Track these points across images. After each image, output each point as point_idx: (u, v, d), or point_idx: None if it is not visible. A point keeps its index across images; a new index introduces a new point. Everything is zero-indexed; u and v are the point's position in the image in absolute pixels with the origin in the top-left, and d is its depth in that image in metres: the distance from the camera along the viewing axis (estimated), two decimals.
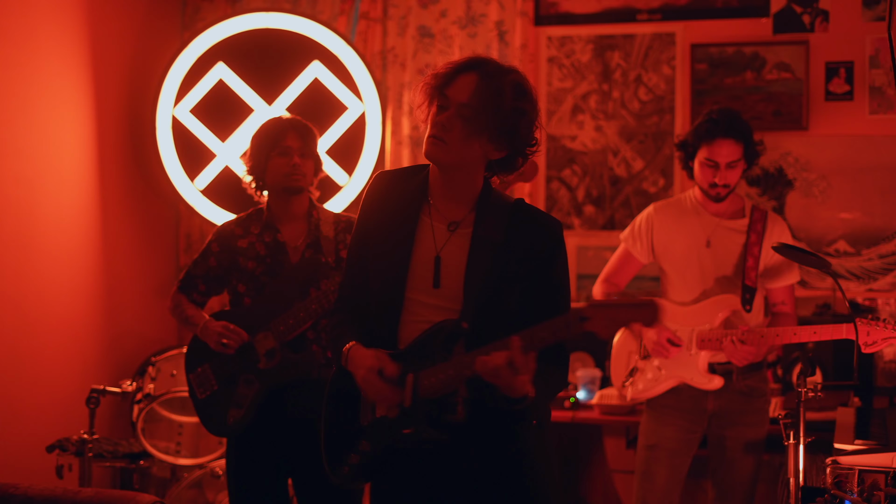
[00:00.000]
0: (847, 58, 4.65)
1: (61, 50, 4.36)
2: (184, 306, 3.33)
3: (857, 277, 4.65)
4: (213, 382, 3.26)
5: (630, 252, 3.74)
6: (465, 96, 2.21)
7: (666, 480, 3.63)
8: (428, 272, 2.27)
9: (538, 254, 2.32)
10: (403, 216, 2.31)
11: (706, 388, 3.56)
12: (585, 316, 2.10)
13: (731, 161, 3.52)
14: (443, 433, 2.25)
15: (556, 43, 4.98)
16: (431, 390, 2.24)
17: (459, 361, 2.21)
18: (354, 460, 2.34)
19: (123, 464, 4.13)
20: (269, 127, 3.28)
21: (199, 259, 3.34)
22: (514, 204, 2.36)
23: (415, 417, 2.25)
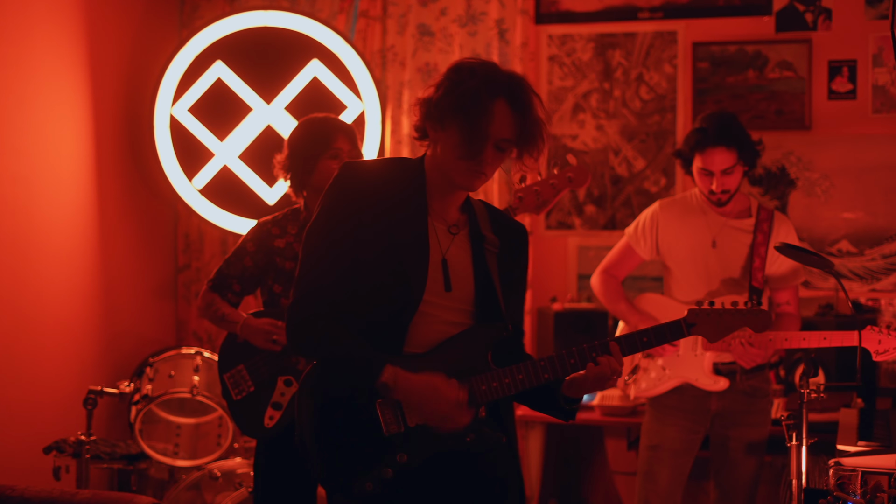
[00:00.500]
0: (850, 56, 4.65)
1: (58, 48, 4.36)
2: (218, 304, 3.28)
3: (860, 278, 4.65)
4: (250, 383, 3.24)
5: (632, 247, 3.75)
6: (505, 132, 2.21)
7: (668, 481, 3.63)
8: (436, 274, 2.26)
9: (520, 257, 2.42)
10: (408, 216, 2.26)
11: (711, 390, 3.56)
12: (692, 322, 2.33)
13: (725, 168, 3.52)
14: (501, 435, 2.30)
15: (556, 41, 4.98)
16: (488, 396, 2.26)
17: (533, 366, 2.26)
18: (386, 475, 2.22)
19: (121, 465, 4.12)
20: (319, 129, 3.22)
21: (232, 259, 3.29)
22: (485, 205, 2.41)
23: (471, 424, 2.25)
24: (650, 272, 4.61)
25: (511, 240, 2.39)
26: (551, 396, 2.35)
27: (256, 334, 3.20)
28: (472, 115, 2.17)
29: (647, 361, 3.68)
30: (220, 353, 3.32)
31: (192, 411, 4.34)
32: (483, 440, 2.28)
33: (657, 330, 2.31)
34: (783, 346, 3.45)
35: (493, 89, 2.19)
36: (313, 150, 3.20)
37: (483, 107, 2.17)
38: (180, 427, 4.36)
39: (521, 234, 2.44)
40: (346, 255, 2.22)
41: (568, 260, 4.96)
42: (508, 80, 2.22)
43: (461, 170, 2.22)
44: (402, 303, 2.22)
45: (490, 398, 2.26)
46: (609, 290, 3.77)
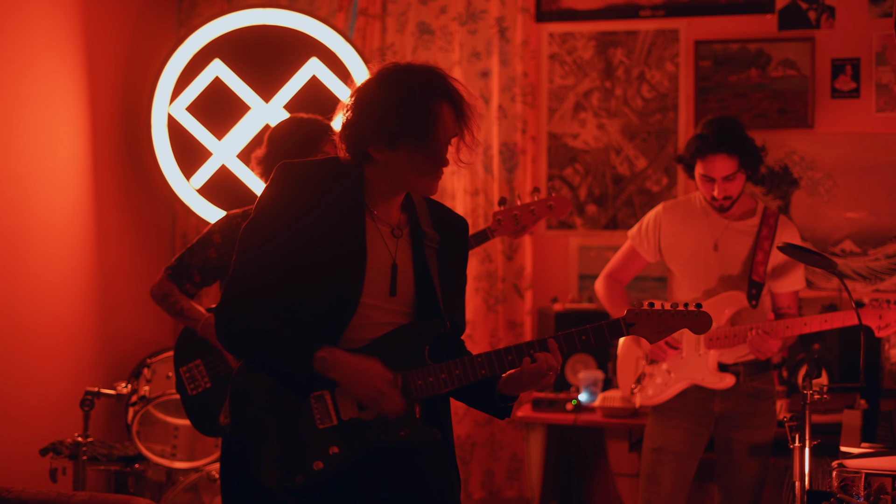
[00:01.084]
0: (853, 54, 4.65)
1: (55, 46, 4.36)
2: (176, 297, 3.25)
3: (863, 278, 4.65)
4: (207, 379, 3.23)
5: (636, 250, 3.75)
6: (452, 129, 2.23)
7: (672, 484, 3.63)
8: (383, 278, 2.27)
9: (461, 251, 2.43)
10: (345, 218, 2.26)
11: (718, 388, 3.57)
12: (631, 322, 2.33)
13: (726, 175, 3.52)
14: (437, 431, 2.30)
15: (557, 39, 4.98)
16: (424, 391, 2.26)
17: (469, 361, 2.27)
18: (317, 467, 2.22)
19: (118, 467, 4.12)
20: (306, 131, 3.20)
21: (195, 248, 3.25)
22: (427, 201, 2.41)
23: (405, 418, 2.26)
24: (652, 272, 4.61)
25: (451, 234, 2.40)
26: (488, 393, 2.36)
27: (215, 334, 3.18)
28: (428, 131, 2.18)
29: (651, 367, 3.68)
30: (177, 346, 3.30)
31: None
32: (417, 435, 2.27)
33: (595, 328, 2.32)
34: (785, 333, 3.46)
35: (435, 96, 2.21)
36: (298, 154, 3.18)
37: (434, 119, 2.19)
38: (178, 429, 4.36)
39: (462, 227, 2.44)
40: (280, 256, 2.23)
41: (569, 260, 4.96)
42: (440, 80, 2.23)
43: (425, 182, 2.25)
44: (339, 305, 2.24)
45: (426, 393, 2.27)
46: (613, 295, 3.77)
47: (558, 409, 4.47)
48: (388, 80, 2.23)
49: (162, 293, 3.29)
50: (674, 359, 3.61)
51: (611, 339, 2.36)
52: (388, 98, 2.20)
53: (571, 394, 4.53)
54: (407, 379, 2.26)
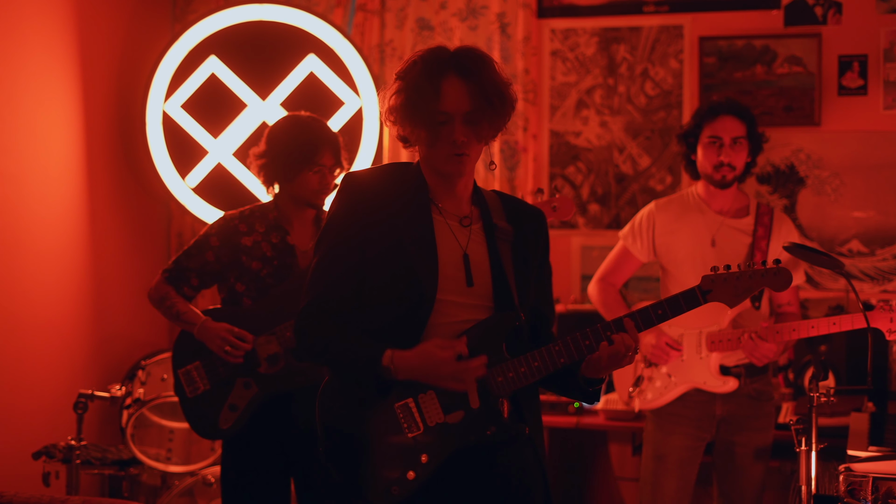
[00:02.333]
0: (861, 51, 4.65)
1: (48, 43, 4.36)
2: (173, 300, 3.26)
3: (870, 278, 4.65)
4: (206, 381, 3.24)
5: (629, 250, 3.74)
6: (464, 104, 2.24)
7: (675, 491, 3.62)
8: (458, 272, 2.29)
9: (539, 242, 2.43)
10: (413, 217, 2.30)
11: (720, 391, 3.55)
12: (707, 289, 2.33)
13: (735, 136, 3.54)
14: (523, 427, 2.30)
15: (559, 36, 4.98)
16: (506, 387, 2.28)
17: (548, 352, 2.27)
18: (410, 476, 2.25)
19: (112, 471, 4.12)
20: (304, 139, 3.19)
21: (193, 251, 3.26)
22: (498, 195, 2.44)
23: (491, 417, 2.27)
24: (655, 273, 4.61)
25: (526, 226, 2.40)
26: (574, 379, 2.36)
27: (213, 339, 3.19)
28: (423, 102, 2.23)
29: (650, 371, 3.66)
30: (175, 347, 3.30)
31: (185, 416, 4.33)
32: (505, 432, 2.28)
33: (671, 301, 2.32)
34: (791, 336, 3.45)
35: (438, 69, 2.24)
36: (296, 162, 3.19)
37: (431, 90, 2.22)
38: (173, 432, 4.36)
39: (538, 219, 2.45)
40: (351, 264, 2.28)
41: (571, 260, 4.96)
42: (453, 54, 2.27)
43: (441, 158, 2.28)
44: (416, 303, 2.25)
45: (508, 389, 2.28)
46: (607, 299, 3.76)
47: (560, 412, 4.47)
48: (408, 62, 2.31)
49: (159, 296, 3.29)
50: (674, 362, 3.60)
51: (687, 310, 2.33)
52: (401, 78, 2.29)
53: None
54: (487, 377, 2.26)
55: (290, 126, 3.25)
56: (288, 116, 3.34)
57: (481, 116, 2.25)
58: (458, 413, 2.27)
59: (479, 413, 2.27)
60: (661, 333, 3.57)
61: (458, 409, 2.27)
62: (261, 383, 3.18)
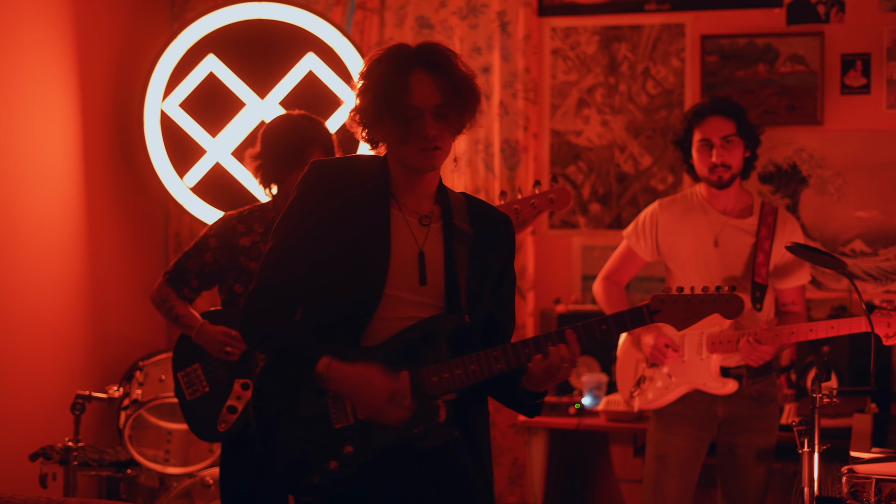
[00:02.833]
0: (863, 49, 4.65)
1: (45, 41, 4.36)
2: (173, 302, 3.28)
3: (873, 278, 4.65)
4: (205, 384, 3.24)
5: (633, 250, 3.75)
6: (434, 98, 2.24)
7: (677, 492, 3.62)
8: (411, 268, 2.28)
9: (502, 247, 2.40)
10: (370, 210, 2.30)
11: (720, 393, 3.56)
12: (656, 309, 2.25)
13: (724, 136, 3.54)
14: (453, 430, 2.29)
15: (560, 34, 4.98)
16: (440, 387, 2.25)
17: (485, 356, 2.25)
18: (333, 467, 2.26)
19: (110, 472, 4.12)
20: (292, 138, 3.20)
21: (192, 252, 3.27)
22: (466, 197, 2.42)
23: (422, 416, 2.25)
24: (657, 273, 4.61)
25: (489, 230, 2.38)
26: (514, 390, 2.34)
27: (210, 342, 3.20)
28: (393, 98, 2.22)
29: (651, 371, 3.67)
30: (175, 349, 3.31)
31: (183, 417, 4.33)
32: (433, 433, 2.26)
33: (617, 317, 2.27)
34: (790, 339, 3.45)
35: (404, 64, 2.24)
36: (286, 161, 3.18)
37: (399, 84, 2.22)
38: (171, 433, 4.36)
39: (502, 224, 2.42)
40: (305, 252, 2.29)
41: (572, 260, 4.96)
42: (419, 49, 2.27)
43: (413, 153, 2.27)
44: (364, 297, 2.26)
45: (442, 390, 2.26)
46: (612, 298, 3.76)
47: (561, 413, 4.47)
48: (369, 62, 2.30)
49: (160, 298, 3.31)
50: (675, 362, 3.60)
51: (632, 328, 2.30)
52: (366, 76, 2.28)
53: (574, 397, 4.53)
54: (421, 376, 2.25)
55: (281, 125, 3.27)
56: (280, 116, 3.35)
57: (451, 109, 2.25)
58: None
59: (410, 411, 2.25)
60: (659, 334, 3.57)
61: None
62: None
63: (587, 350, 4.65)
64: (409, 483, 2.30)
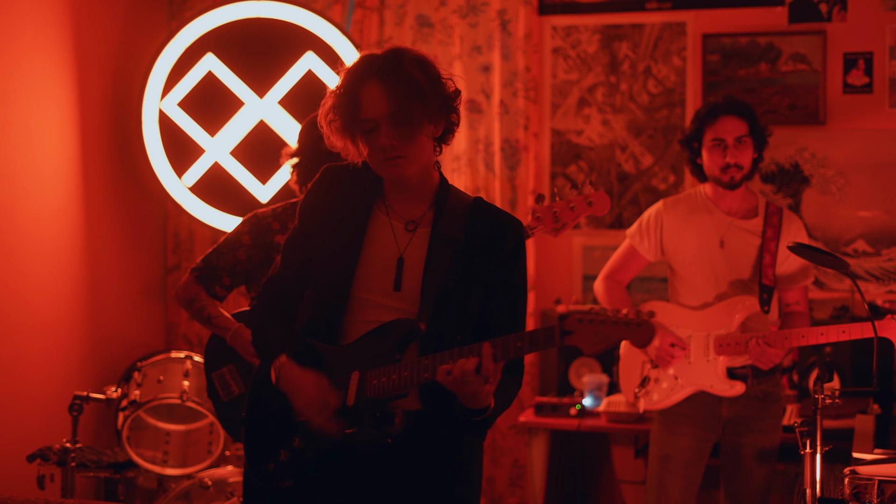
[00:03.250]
0: (866, 48, 4.65)
1: (43, 40, 4.36)
2: (203, 302, 3.18)
3: (876, 279, 4.65)
4: (239, 384, 3.22)
5: (636, 249, 3.75)
6: (384, 108, 2.23)
7: (680, 492, 3.63)
8: (388, 273, 2.29)
9: (498, 254, 2.34)
10: (353, 213, 2.34)
11: (728, 395, 3.56)
12: (569, 330, 2.13)
13: (738, 136, 3.55)
14: (385, 435, 2.27)
15: (561, 33, 4.98)
16: (380, 390, 2.25)
17: (416, 363, 2.22)
18: (283, 457, 2.33)
19: (108, 474, 4.12)
20: None
21: (224, 249, 3.18)
22: (473, 202, 2.38)
23: (357, 417, 2.25)
24: (658, 273, 4.61)
25: (485, 237, 2.33)
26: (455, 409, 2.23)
27: (247, 346, 3.13)
28: (347, 114, 2.27)
29: (656, 372, 3.66)
30: (207, 351, 3.28)
31: (181, 418, 4.33)
32: (363, 435, 2.25)
33: (531, 335, 2.17)
34: (800, 343, 3.45)
35: (358, 77, 2.26)
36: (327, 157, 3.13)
37: (351, 100, 2.26)
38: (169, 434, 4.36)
39: (504, 231, 2.35)
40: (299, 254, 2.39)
41: (573, 260, 4.96)
42: (375, 59, 2.26)
43: (376, 164, 2.30)
44: (334, 299, 2.31)
45: (381, 393, 2.24)
46: (613, 297, 3.76)
47: (562, 414, 4.47)
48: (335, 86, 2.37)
49: (188, 297, 3.20)
50: (681, 364, 3.60)
51: (544, 347, 2.18)
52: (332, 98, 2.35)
53: (575, 398, 4.53)
54: (366, 377, 2.27)
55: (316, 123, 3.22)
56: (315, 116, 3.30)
57: (408, 115, 2.22)
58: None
59: (350, 411, 2.26)
60: (665, 334, 3.56)
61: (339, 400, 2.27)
62: None
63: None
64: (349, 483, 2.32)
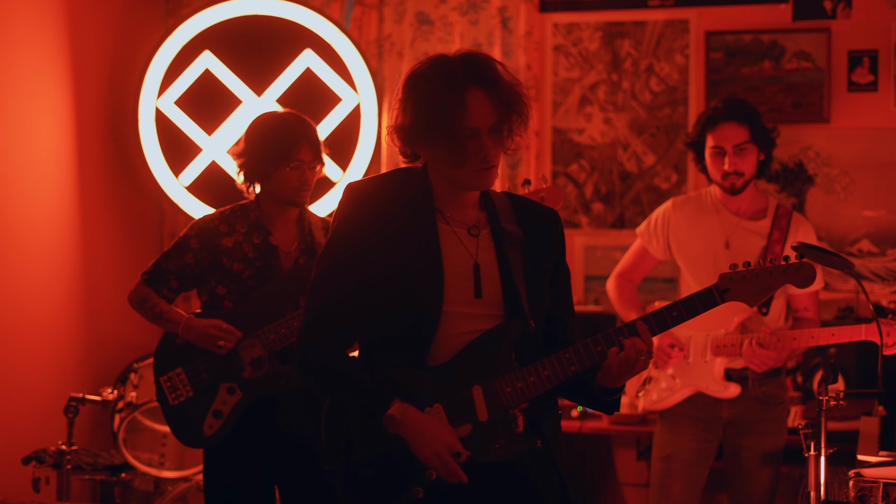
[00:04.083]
0: (871, 46, 4.65)
1: (38, 37, 4.36)
2: (154, 300, 3.25)
3: (881, 279, 4.65)
4: (189, 388, 3.22)
5: (646, 248, 3.76)
6: (491, 118, 2.21)
7: (682, 493, 3.63)
8: (466, 282, 2.26)
9: (553, 244, 2.38)
10: (417, 227, 2.26)
11: (721, 397, 3.57)
12: (725, 287, 2.25)
13: (737, 144, 3.54)
14: (535, 439, 2.28)
15: (562, 30, 4.98)
16: (515, 398, 2.24)
17: (558, 359, 2.23)
18: (417, 495, 2.21)
19: (104, 476, 4.12)
20: (280, 135, 3.17)
21: (172, 252, 3.25)
22: (509, 197, 2.40)
23: (497, 431, 2.24)
24: (661, 273, 4.61)
25: (538, 228, 2.36)
26: (589, 389, 2.31)
27: (201, 337, 3.16)
28: (449, 120, 2.18)
29: (657, 372, 3.68)
30: (157, 354, 3.29)
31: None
32: (514, 446, 2.25)
33: (687, 302, 2.26)
34: (792, 345, 3.46)
35: (458, 83, 2.20)
36: (273, 158, 3.15)
37: (456, 107, 2.18)
38: (166, 436, 4.36)
39: (550, 220, 2.40)
40: (354, 280, 2.26)
41: (575, 260, 4.96)
42: (467, 64, 2.23)
43: (468, 174, 2.24)
44: (421, 318, 2.23)
45: (518, 400, 2.25)
46: (623, 296, 3.78)
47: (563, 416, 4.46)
48: (414, 75, 2.24)
49: (139, 298, 3.29)
50: (679, 364, 3.61)
51: (704, 310, 2.27)
52: (413, 94, 2.22)
53: None
54: (495, 388, 2.24)
55: (268, 122, 3.24)
56: (266, 113, 3.33)
57: (505, 126, 2.23)
58: (466, 426, 2.24)
59: (487, 426, 2.24)
60: (664, 335, 3.57)
61: (466, 421, 2.24)
62: (245, 388, 3.17)
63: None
64: (490, 498, 2.27)
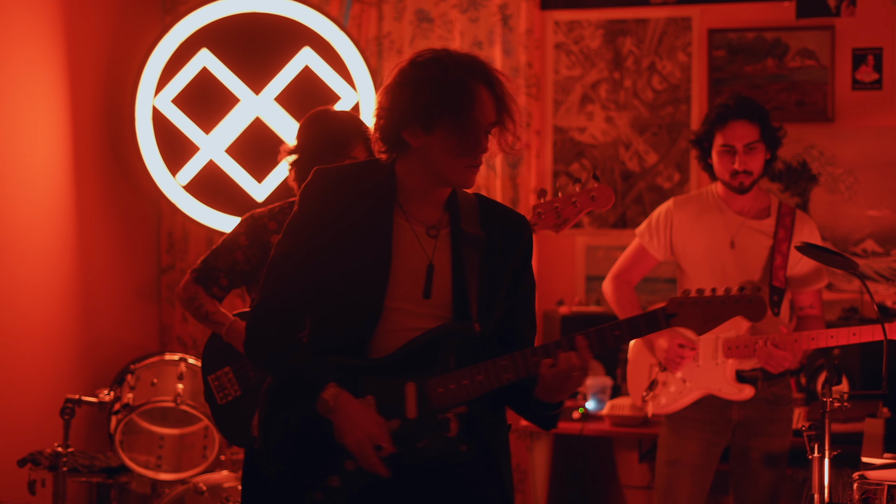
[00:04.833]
0: (875, 44, 4.66)
1: (34, 35, 4.36)
2: (201, 300, 3.22)
3: (885, 279, 4.65)
4: (236, 387, 3.22)
5: (645, 248, 3.74)
6: (492, 116, 2.22)
7: (689, 498, 3.62)
8: (417, 280, 2.26)
9: (516, 251, 2.37)
10: (373, 220, 2.26)
11: (736, 399, 3.56)
12: (673, 312, 2.20)
13: (748, 143, 3.53)
14: (461, 444, 2.26)
15: (563, 28, 4.98)
16: (447, 399, 2.23)
17: (493, 365, 2.22)
18: (334, 483, 2.22)
19: (100, 479, 4.12)
20: (336, 132, 3.12)
21: (221, 250, 3.21)
22: (477, 199, 2.38)
23: (422, 430, 2.23)
24: (663, 273, 4.61)
25: (502, 233, 2.34)
26: (528, 400, 2.29)
27: (241, 340, 3.16)
28: (464, 109, 2.17)
29: (665, 375, 3.66)
30: (205, 353, 3.28)
31: (175, 421, 4.34)
32: (438, 447, 2.24)
33: (631, 322, 2.22)
34: (810, 346, 3.45)
35: (471, 75, 2.20)
36: (328, 155, 3.12)
37: (471, 98, 2.18)
38: (163, 438, 4.36)
39: (517, 226, 2.38)
40: (308, 266, 2.27)
41: (575, 260, 4.96)
42: (477, 63, 2.23)
43: (461, 168, 2.23)
44: (364, 311, 2.24)
45: (448, 402, 2.23)
46: (622, 297, 3.76)
47: (564, 418, 4.46)
48: (423, 60, 2.23)
49: (188, 296, 3.25)
50: (689, 367, 3.60)
51: (647, 333, 2.25)
52: (424, 75, 2.20)
53: (578, 401, 4.53)
54: (427, 387, 2.23)
55: (322, 119, 3.19)
56: (318, 109, 3.28)
57: (499, 129, 2.24)
58: (394, 421, 2.23)
59: (414, 423, 2.23)
60: (674, 336, 3.56)
61: (395, 416, 2.23)
62: None
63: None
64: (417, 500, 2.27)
